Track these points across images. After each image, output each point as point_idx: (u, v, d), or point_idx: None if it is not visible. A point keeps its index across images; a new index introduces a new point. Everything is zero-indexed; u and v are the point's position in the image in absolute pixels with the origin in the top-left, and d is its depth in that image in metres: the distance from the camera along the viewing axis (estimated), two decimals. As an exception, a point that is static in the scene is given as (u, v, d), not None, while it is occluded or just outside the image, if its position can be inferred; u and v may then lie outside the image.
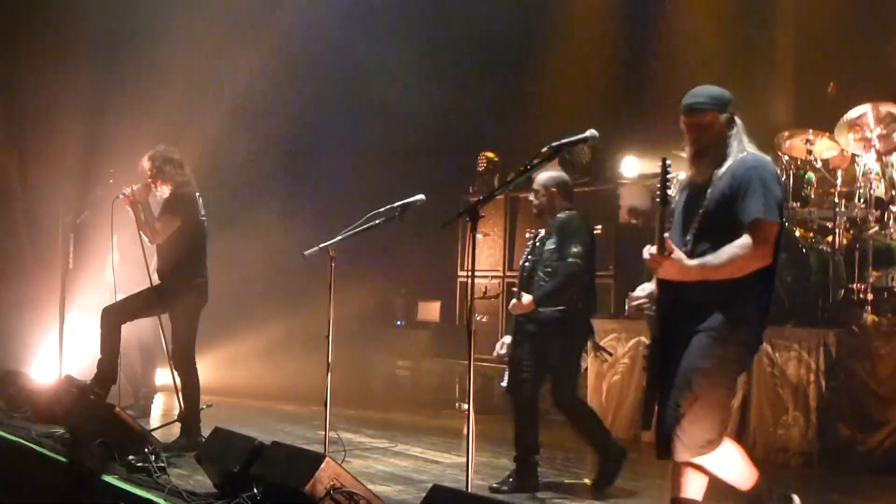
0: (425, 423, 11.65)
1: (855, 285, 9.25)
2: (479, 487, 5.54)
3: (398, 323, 14.53)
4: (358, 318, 13.24)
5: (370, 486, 6.15)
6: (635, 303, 5.60)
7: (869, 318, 9.05)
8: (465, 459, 5.39)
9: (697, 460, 5.30)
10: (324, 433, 7.53)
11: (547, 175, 7.94)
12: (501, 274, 12.88)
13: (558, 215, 7.89)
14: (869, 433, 8.68)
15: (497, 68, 14.05)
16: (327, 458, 5.89)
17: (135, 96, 13.54)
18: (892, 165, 9.43)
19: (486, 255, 13.00)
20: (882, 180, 9.47)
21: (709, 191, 5.36)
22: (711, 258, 5.23)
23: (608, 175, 12.18)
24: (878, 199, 9.38)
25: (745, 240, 5.20)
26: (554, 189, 7.93)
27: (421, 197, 7.19)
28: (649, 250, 5.32)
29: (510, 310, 7.90)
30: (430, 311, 14.12)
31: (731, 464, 5.46)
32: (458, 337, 11.16)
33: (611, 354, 9.54)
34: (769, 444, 9.13)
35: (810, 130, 10.02)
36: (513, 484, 7.55)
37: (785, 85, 12.18)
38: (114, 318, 8.83)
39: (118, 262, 9.96)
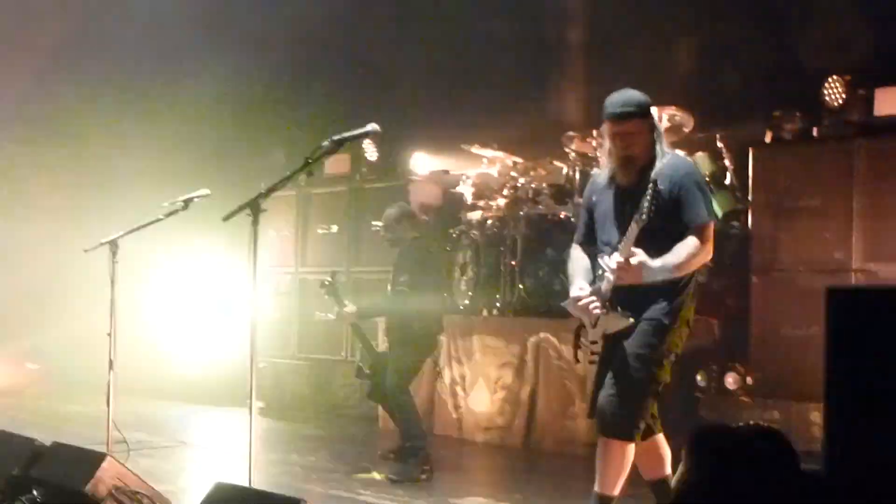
0: (218, 420, 11.54)
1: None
2: (263, 483, 5.52)
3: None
4: (150, 313, 13.04)
5: (156, 485, 6.09)
6: (586, 301, 5.51)
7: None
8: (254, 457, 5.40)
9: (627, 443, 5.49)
10: (109, 433, 7.40)
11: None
12: (294, 270, 12.85)
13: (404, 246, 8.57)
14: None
15: (291, 65, 13.98)
16: (109, 458, 5.82)
17: None
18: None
19: (279, 251, 12.91)
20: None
21: (644, 195, 5.29)
22: (672, 258, 5.39)
23: (398, 171, 12.20)
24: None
25: (694, 240, 5.42)
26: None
27: (206, 191, 7.14)
28: (616, 259, 5.34)
29: None
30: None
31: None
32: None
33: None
34: (557, 435, 9.41)
35: (595, 131, 10.24)
36: None
37: (576, 84, 12.39)
38: None
39: None
